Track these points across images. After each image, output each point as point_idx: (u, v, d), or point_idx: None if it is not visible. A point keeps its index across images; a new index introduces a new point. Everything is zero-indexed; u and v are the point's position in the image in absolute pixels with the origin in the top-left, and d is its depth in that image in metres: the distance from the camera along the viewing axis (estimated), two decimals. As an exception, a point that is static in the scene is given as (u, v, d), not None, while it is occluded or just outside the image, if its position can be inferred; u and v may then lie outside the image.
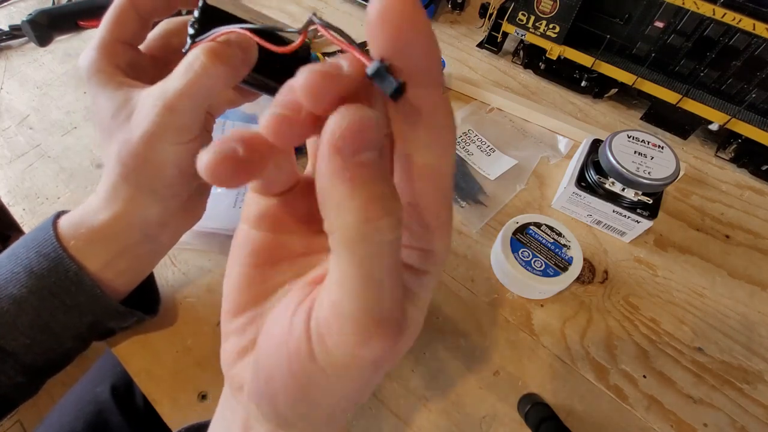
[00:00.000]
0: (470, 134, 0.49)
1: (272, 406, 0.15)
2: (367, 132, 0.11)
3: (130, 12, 0.26)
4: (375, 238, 0.11)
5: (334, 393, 0.14)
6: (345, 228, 0.11)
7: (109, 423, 0.42)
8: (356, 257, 0.11)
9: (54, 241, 0.27)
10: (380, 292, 0.12)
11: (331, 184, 0.11)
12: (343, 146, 0.10)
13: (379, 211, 0.11)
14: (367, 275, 0.11)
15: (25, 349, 0.28)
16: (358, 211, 0.11)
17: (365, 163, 0.11)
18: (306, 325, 0.13)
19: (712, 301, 0.38)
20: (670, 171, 0.36)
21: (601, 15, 0.47)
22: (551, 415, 0.30)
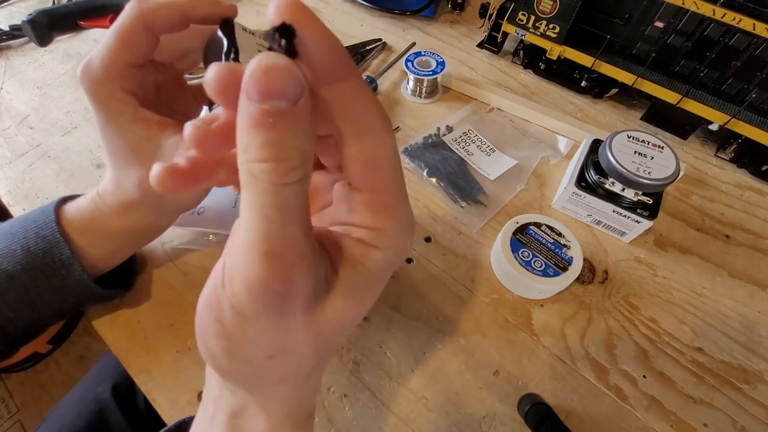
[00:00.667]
0: (470, 134, 0.49)
1: (202, 344, 0.16)
2: (274, 80, 0.11)
3: (141, 32, 0.24)
4: (266, 177, 0.12)
5: (246, 331, 0.15)
6: (243, 165, 0.12)
7: (110, 422, 0.42)
8: (250, 193, 0.13)
9: (54, 225, 0.28)
10: (269, 228, 0.13)
11: (239, 123, 0.12)
12: (250, 90, 0.11)
13: (274, 155, 0.12)
14: (257, 210, 0.13)
15: (8, 321, 0.29)
16: (253, 152, 0.12)
17: (270, 111, 0.12)
18: (222, 265, 0.15)
19: (712, 301, 0.38)
20: (670, 171, 0.36)
21: (601, 15, 0.47)
22: (551, 415, 0.30)
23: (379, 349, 0.35)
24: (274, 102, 0.12)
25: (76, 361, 1.00)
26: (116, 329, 0.35)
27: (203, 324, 0.16)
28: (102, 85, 0.24)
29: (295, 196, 0.13)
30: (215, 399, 0.19)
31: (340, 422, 0.31)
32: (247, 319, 0.15)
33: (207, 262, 0.38)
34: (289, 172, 0.12)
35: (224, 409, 0.19)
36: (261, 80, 0.11)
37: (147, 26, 0.23)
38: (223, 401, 0.19)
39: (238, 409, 0.18)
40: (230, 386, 0.18)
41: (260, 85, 0.11)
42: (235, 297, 0.14)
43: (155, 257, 0.38)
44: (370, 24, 0.62)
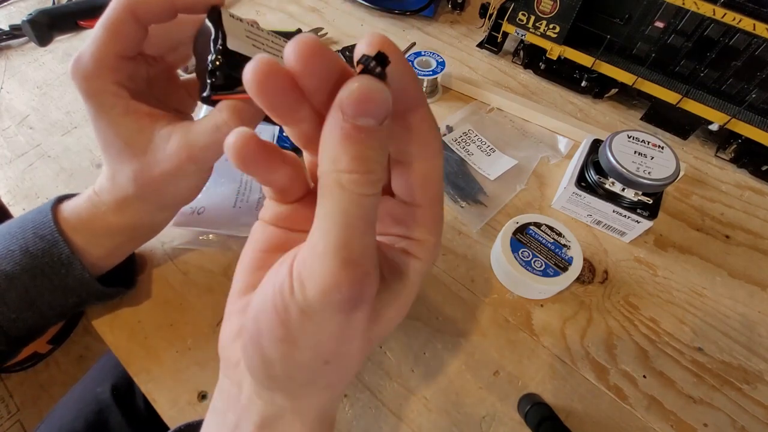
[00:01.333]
0: (470, 134, 0.49)
1: (258, 349, 0.16)
2: (370, 101, 0.12)
3: (129, 22, 0.24)
4: (353, 188, 0.13)
5: (311, 335, 0.15)
6: (330, 174, 0.13)
7: (109, 423, 0.42)
8: (334, 201, 0.13)
9: (52, 224, 0.28)
10: (350, 235, 0.13)
11: (330, 136, 0.13)
12: (347, 107, 0.12)
13: (362, 168, 0.13)
14: (340, 218, 0.13)
15: (11, 323, 0.29)
16: (344, 163, 0.13)
17: (362, 127, 0.13)
18: (290, 269, 0.15)
19: (712, 301, 0.38)
20: (670, 171, 0.36)
21: (601, 15, 0.47)
22: (551, 415, 0.30)
23: (379, 349, 0.35)
24: (367, 120, 0.13)
25: (76, 361, 1.00)
26: (116, 329, 0.35)
27: (265, 327, 0.16)
28: (93, 79, 0.24)
29: (373, 208, 0.14)
30: (241, 409, 0.18)
31: (340, 422, 0.31)
32: (315, 324, 0.15)
33: (207, 262, 0.38)
34: (373, 184, 0.13)
35: (253, 419, 0.18)
36: (360, 99, 0.12)
37: (134, 16, 0.24)
38: (253, 410, 0.18)
39: (270, 418, 0.18)
40: (268, 395, 0.18)
41: (359, 104, 0.12)
42: (307, 302, 0.14)
43: (155, 257, 0.38)
44: (370, 24, 0.62)
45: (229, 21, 0.23)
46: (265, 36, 0.24)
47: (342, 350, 0.16)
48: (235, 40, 0.22)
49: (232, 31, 0.22)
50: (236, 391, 0.19)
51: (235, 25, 0.23)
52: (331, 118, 0.13)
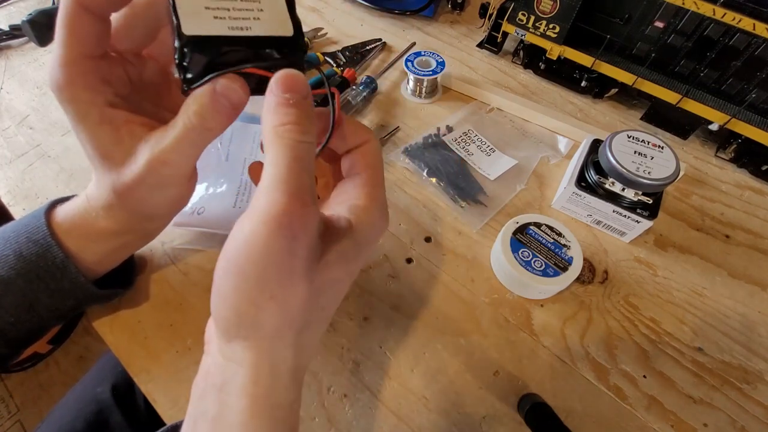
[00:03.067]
0: (470, 134, 0.49)
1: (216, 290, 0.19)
2: (291, 82, 0.19)
3: (83, 17, 0.22)
4: (287, 135, 0.18)
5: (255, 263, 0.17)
6: (270, 131, 0.18)
7: (109, 422, 0.42)
8: (274, 148, 0.18)
9: (45, 229, 0.28)
10: (288, 172, 0.17)
11: (267, 109, 0.19)
12: (276, 87, 0.19)
13: (292, 120, 0.18)
14: (280, 160, 0.17)
15: (10, 326, 0.29)
16: (278, 119, 0.18)
17: (288, 98, 0.19)
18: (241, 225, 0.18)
19: (712, 301, 0.38)
20: (670, 171, 0.36)
21: (601, 15, 0.47)
22: (551, 415, 0.30)
23: (379, 349, 0.35)
24: (294, 93, 0.19)
25: (76, 361, 1.00)
26: (116, 329, 0.35)
27: (220, 265, 0.18)
28: (65, 87, 0.23)
29: (307, 153, 0.18)
30: (208, 376, 0.20)
31: (340, 422, 0.31)
32: (259, 252, 0.17)
33: (207, 262, 0.38)
34: (304, 133, 0.18)
35: (215, 382, 0.20)
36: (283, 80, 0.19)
37: (85, 8, 0.21)
38: (217, 374, 0.20)
39: (229, 376, 0.19)
40: (228, 349, 0.20)
41: (283, 83, 0.19)
42: (252, 228, 0.17)
43: (155, 257, 0.38)
44: (370, 24, 0.62)
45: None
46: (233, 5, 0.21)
47: (285, 287, 0.18)
48: (191, 20, 0.20)
49: (187, 8, 0.20)
50: (207, 360, 0.21)
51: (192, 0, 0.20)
52: (266, 98, 0.19)
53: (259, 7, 0.21)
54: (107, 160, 0.24)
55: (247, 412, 0.19)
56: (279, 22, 0.22)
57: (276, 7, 0.22)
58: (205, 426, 0.20)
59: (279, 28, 0.22)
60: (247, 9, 0.21)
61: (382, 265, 0.39)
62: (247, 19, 0.21)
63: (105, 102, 0.24)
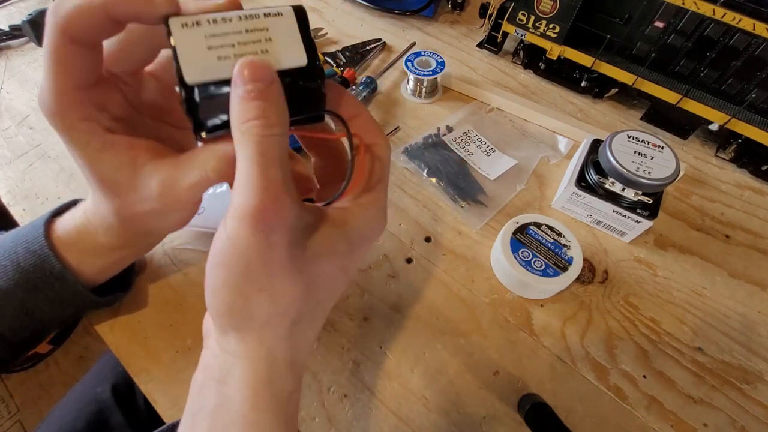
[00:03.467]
0: (470, 134, 0.49)
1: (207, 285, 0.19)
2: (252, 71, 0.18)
3: (70, 48, 0.19)
4: (254, 131, 0.17)
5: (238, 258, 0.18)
6: (238, 129, 0.18)
7: (109, 422, 0.42)
8: (243, 146, 0.17)
9: (43, 240, 0.28)
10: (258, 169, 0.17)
11: (233, 103, 0.18)
12: (237, 79, 0.18)
13: (257, 114, 0.17)
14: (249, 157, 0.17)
15: (12, 332, 0.29)
16: (243, 116, 0.17)
17: (251, 90, 0.17)
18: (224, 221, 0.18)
19: (712, 301, 0.38)
20: (670, 171, 0.36)
21: (601, 15, 0.47)
22: (551, 415, 0.30)
23: (379, 349, 0.35)
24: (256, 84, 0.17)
25: (76, 361, 1.00)
26: (116, 329, 0.35)
27: (209, 262, 0.19)
28: (59, 117, 0.21)
29: (275, 147, 0.18)
30: (207, 368, 0.21)
31: (340, 422, 0.31)
32: (238, 247, 0.17)
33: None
34: (269, 127, 0.17)
35: (214, 374, 0.20)
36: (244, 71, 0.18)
37: (72, 40, 0.19)
38: (215, 366, 0.20)
39: (226, 368, 0.20)
40: (224, 341, 0.20)
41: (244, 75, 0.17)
42: (230, 227, 0.17)
43: (155, 257, 0.38)
44: (370, 24, 0.62)
45: (183, 36, 0.18)
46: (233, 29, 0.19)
47: (272, 278, 0.18)
48: (193, 66, 0.18)
49: (188, 52, 0.18)
50: (206, 354, 0.21)
51: (192, 38, 0.18)
52: (233, 92, 0.18)
53: (266, 36, 0.19)
54: (110, 187, 0.23)
55: (248, 402, 0.19)
56: (290, 51, 0.20)
57: (286, 33, 0.20)
58: (205, 420, 0.20)
59: (291, 58, 0.20)
60: (254, 41, 0.19)
61: (382, 265, 0.39)
62: (254, 53, 0.19)
63: (103, 129, 0.22)
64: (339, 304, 0.37)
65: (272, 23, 0.19)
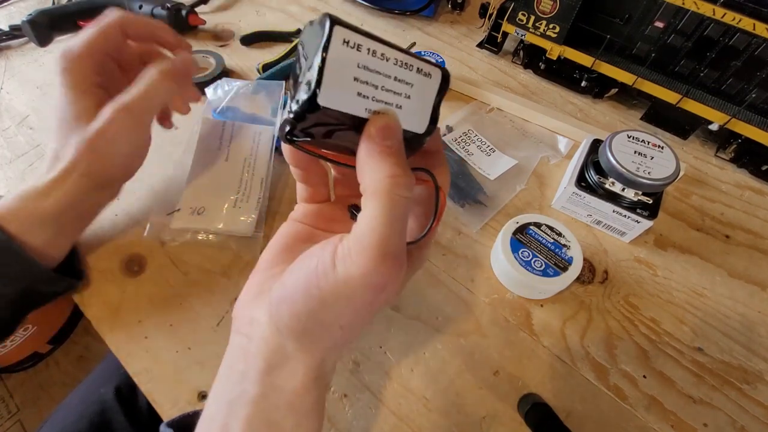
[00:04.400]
0: (470, 134, 0.49)
1: (291, 304, 0.19)
2: (390, 129, 0.18)
3: (117, 31, 0.32)
4: (394, 190, 0.17)
5: (338, 303, 0.18)
6: (375, 183, 0.17)
7: (112, 423, 0.42)
8: (380, 202, 0.17)
9: None
10: (392, 231, 0.17)
11: (368, 156, 0.18)
12: (377, 135, 0.18)
13: (399, 173, 0.18)
14: (385, 217, 0.17)
15: None
16: (385, 172, 0.17)
17: (389, 146, 0.18)
18: (333, 251, 0.18)
19: (712, 301, 0.38)
20: (670, 171, 0.36)
21: (601, 15, 0.47)
22: (551, 415, 0.30)
23: (379, 349, 0.35)
24: (391, 140, 0.18)
25: (76, 361, 1.00)
26: (116, 329, 0.35)
27: (302, 287, 0.19)
28: (75, 60, 0.31)
29: (408, 210, 0.18)
30: (250, 357, 0.21)
31: (340, 422, 0.31)
32: (346, 296, 0.18)
33: (207, 262, 0.38)
34: (409, 187, 0.18)
35: (259, 365, 0.20)
36: (384, 128, 0.18)
37: (123, 31, 0.32)
38: (260, 357, 0.20)
39: (275, 363, 0.20)
40: (279, 341, 0.20)
41: (384, 131, 0.18)
42: (347, 276, 0.17)
43: (155, 257, 0.38)
44: (370, 24, 0.62)
45: (339, 52, 0.16)
46: (385, 71, 0.18)
47: (356, 321, 0.19)
48: (333, 89, 0.16)
49: (335, 72, 0.16)
50: (246, 342, 0.21)
51: (346, 60, 0.16)
52: (364, 145, 0.18)
53: (407, 93, 0.19)
54: (77, 121, 0.30)
55: (297, 393, 0.20)
56: (418, 116, 0.19)
57: (423, 97, 0.19)
58: (245, 407, 0.20)
59: (414, 122, 0.19)
60: (396, 92, 0.18)
61: (382, 265, 0.39)
62: (389, 103, 0.18)
63: (97, 82, 0.32)
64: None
65: (418, 81, 0.19)
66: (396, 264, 0.17)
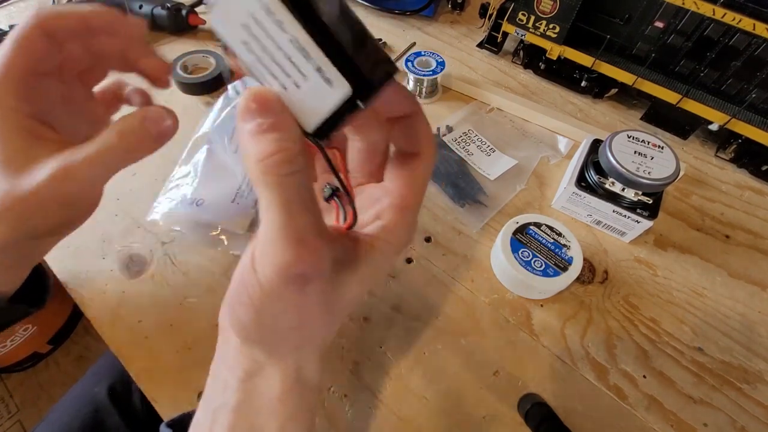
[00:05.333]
0: (470, 134, 0.49)
1: (234, 314, 0.19)
2: (260, 103, 0.16)
3: (38, 37, 0.22)
4: (274, 170, 0.15)
5: (271, 306, 0.17)
6: (254, 168, 0.16)
7: (106, 423, 0.42)
8: (266, 189, 0.16)
9: None
10: (289, 216, 0.16)
11: (242, 141, 0.16)
12: (245, 114, 0.16)
13: (274, 149, 0.15)
14: (275, 203, 0.16)
15: None
16: (258, 152, 0.15)
17: (259, 125, 0.16)
18: (251, 255, 0.17)
19: (712, 301, 0.38)
20: (670, 171, 0.36)
21: (601, 15, 0.47)
22: (551, 415, 0.30)
23: (379, 349, 0.35)
24: (268, 115, 0.16)
25: (76, 361, 1.00)
26: (116, 329, 0.35)
27: (235, 299, 0.18)
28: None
29: (301, 187, 0.16)
30: (229, 367, 0.21)
31: (340, 422, 0.31)
32: (273, 297, 0.17)
33: (207, 262, 0.38)
34: (290, 162, 0.16)
35: (238, 374, 0.20)
36: (254, 103, 0.16)
37: (46, 32, 0.21)
38: (238, 366, 0.20)
39: (252, 371, 0.20)
40: (249, 350, 0.20)
41: (255, 107, 0.16)
42: (265, 279, 0.16)
43: (155, 257, 0.38)
44: (370, 24, 0.62)
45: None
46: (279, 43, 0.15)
47: (303, 318, 0.18)
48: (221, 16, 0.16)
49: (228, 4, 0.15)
50: (225, 348, 0.21)
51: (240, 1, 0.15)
52: (239, 125, 0.16)
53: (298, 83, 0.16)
54: (7, 166, 0.22)
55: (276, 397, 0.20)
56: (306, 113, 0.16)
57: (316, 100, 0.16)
58: (227, 416, 0.20)
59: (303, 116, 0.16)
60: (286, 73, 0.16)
61: (382, 265, 0.39)
62: (276, 77, 0.16)
63: (28, 113, 0.22)
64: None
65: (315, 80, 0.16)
66: (308, 249, 0.16)
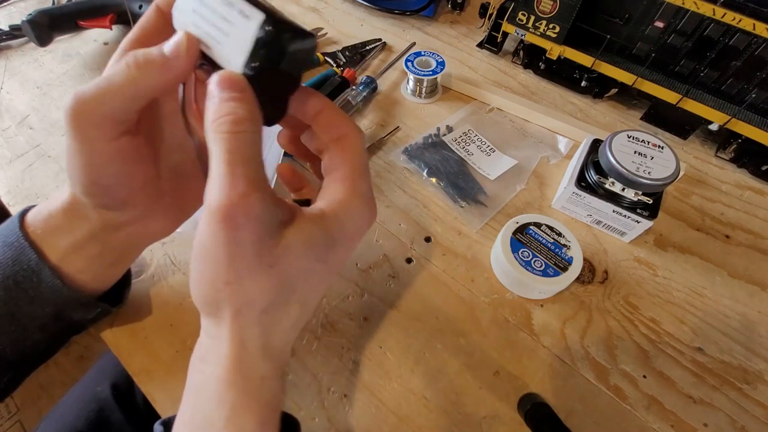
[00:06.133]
0: (470, 134, 0.49)
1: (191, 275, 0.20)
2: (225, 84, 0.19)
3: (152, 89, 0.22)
4: (225, 128, 0.18)
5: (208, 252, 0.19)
6: (209, 128, 0.19)
7: (109, 421, 0.42)
8: (214, 144, 0.18)
9: (17, 230, 0.27)
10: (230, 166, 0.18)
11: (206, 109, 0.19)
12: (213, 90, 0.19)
13: (225, 112, 0.18)
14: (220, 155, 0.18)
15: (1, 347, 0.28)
16: (211, 116, 0.19)
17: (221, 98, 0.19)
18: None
19: (712, 301, 0.38)
20: (670, 171, 0.36)
21: (601, 15, 0.47)
22: (551, 415, 0.30)
23: (379, 349, 0.35)
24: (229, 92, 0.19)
25: (76, 361, 1.00)
26: (116, 329, 0.35)
27: (192, 258, 0.20)
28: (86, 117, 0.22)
29: (244, 144, 0.18)
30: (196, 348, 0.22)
31: (340, 422, 0.31)
32: (208, 244, 0.18)
33: (207, 262, 0.38)
34: (237, 123, 0.18)
35: (197, 354, 0.21)
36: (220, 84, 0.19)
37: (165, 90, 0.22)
38: (200, 346, 0.21)
39: (206, 348, 0.21)
40: (205, 323, 0.21)
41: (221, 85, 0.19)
42: (203, 225, 0.18)
43: (155, 257, 0.38)
44: (370, 24, 0.62)
45: None
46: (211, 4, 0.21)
47: (239, 272, 0.19)
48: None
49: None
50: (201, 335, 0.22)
51: None
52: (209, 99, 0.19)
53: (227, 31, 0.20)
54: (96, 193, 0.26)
55: (221, 381, 0.20)
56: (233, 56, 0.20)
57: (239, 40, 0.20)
58: (191, 396, 0.21)
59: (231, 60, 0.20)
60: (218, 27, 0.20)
61: (382, 265, 0.39)
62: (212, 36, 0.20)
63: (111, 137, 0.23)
64: (339, 304, 0.37)
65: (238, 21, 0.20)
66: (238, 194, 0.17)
